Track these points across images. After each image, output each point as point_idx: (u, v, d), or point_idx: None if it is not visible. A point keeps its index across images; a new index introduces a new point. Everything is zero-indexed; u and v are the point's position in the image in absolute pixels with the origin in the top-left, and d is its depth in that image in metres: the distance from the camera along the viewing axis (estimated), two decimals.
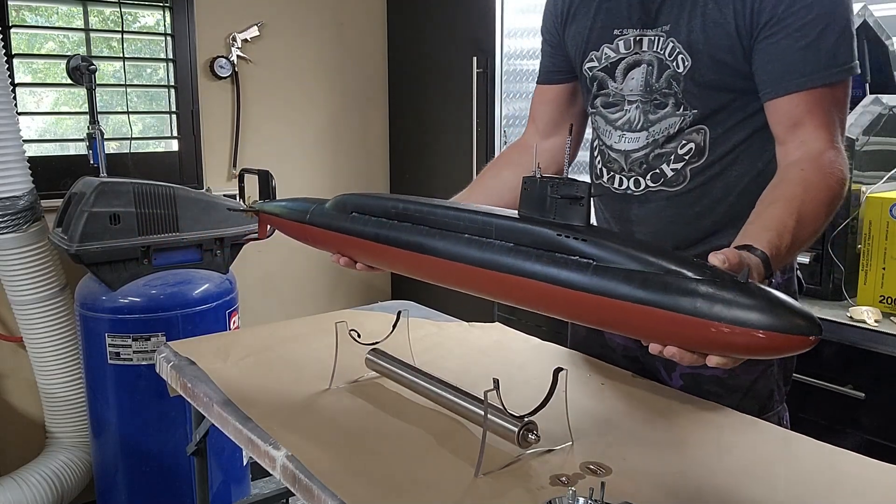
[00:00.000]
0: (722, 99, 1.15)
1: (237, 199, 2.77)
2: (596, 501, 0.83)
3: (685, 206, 1.21)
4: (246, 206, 1.45)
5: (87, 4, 2.56)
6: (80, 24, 2.57)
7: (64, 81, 2.41)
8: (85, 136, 2.31)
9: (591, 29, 1.25)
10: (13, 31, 2.41)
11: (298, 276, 3.14)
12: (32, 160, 2.27)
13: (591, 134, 1.37)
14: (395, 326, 1.31)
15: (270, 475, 1.47)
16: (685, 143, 1.19)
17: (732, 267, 0.80)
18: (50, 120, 2.62)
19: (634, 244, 0.84)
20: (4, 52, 2.15)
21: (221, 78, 2.81)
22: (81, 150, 2.45)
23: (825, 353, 1.62)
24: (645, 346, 1.08)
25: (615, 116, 1.25)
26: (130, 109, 2.64)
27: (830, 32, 1.05)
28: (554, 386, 1.00)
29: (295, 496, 1.03)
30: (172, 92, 2.74)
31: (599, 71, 1.25)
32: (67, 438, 2.39)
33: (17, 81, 2.39)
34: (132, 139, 2.63)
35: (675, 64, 1.15)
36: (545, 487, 0.92)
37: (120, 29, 2.59)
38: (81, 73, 2.28)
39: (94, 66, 2.30)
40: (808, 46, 1.05)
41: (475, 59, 2.72)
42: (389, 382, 1.25)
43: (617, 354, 1.36)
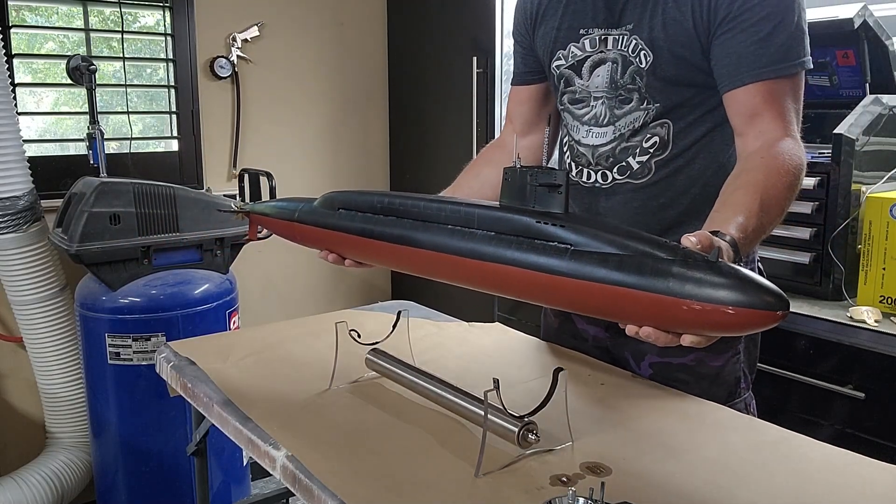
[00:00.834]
0: (683, 93, 1.20)
1: (237, 198, 2.78)
2: (596, 501, 0.83)
3: (650, 197, 1.26)
4: (236, 207, 1.45)
5: (87, 4, 2.56)
6: (80, 24, 2.57)
7: (64, 81, 2.40)
8: (85, 136, 2.31)
9: (558, 29, 1.30)
10: (13, 31, 2.41)
11: (298, 276, 3.14)
12: (32, 160, 2.27)
13: (561, 130, 1.40)
14: (395, 326, 1.31)
15: (270, 475, 1.47)
16: (650, 136, 1.24)
17: (704, 248, 0.82)
18: (50, 120, 2.62)
19: (610, 229, 0.86)
20: (4, 52, 2.15)
21: (221, 78, 2.81)
22: (81, 150, 2.45)
23: (825, 353, 1.62)
24: (616, 333, 1.10)
25: (582, 112, 1.29)
26: (130, 109, 2.64)
27: (783, 28, 1.11)
28: (554, 386, 1.00)
29: (295, 496, 1.03)
30: (172, 92, 2.74)
31: (566, 69, 1.30)
32: (67, 438, 2.39)
33: (17, 81, 2.39)
34: (132, 139, 2.63)
35: (637, 60, 1.20)
36: (545, 487, 0.92)
37: (120, 29, 2.59)
38: (81, 73, 2.28)
39: (94, 66, 2.30)
40: (761, 41, 1.11)
41: (475, 59, 2.72)
42: (389, 382, 1.25)
43: (588, 345, 1.39)
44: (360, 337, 1.28)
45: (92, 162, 2.29)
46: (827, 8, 1.84)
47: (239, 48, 2.83)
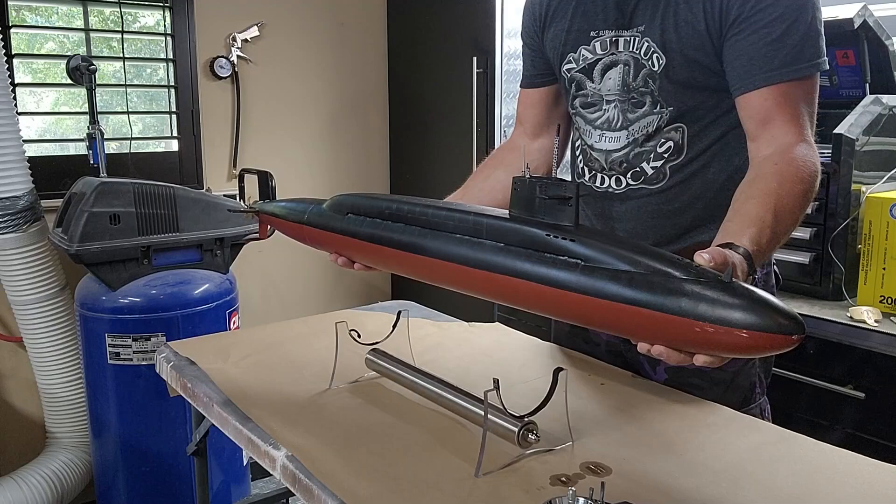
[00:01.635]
0: (697, 97, 1.18)
1: (237, 198, 2.78)
2: (596, 501, 0.83)
3: (665, 202, 1.24)
4: (246, 206, 1.45)
5: (87, 4, 2.56)
6: (80, 24, 2.57)
7: (64, 81, 2.40)
8: (85, 136, 2.31)
9: (567, 31, 1.28)
10: (13, 31, 2.41)
11: (298, 276, 3.14)
12: (32, 160, 2.27)
13: (573, 133, 1.39)
14: (395, 326, 1.31)
15: (270, 475, 1.47)
16: (664, 141, 1.22)
17: (717, 266, 0.81)
18: (50, 120, 2.62)
19: (621, 244, 0.85)
20: (4, 52, 2.15)
21: (221, 78, 2.81)
22: (81, 150, 2.45)
23: (825, 353, 1.62)
24: (632, 342, 1.09)
25: (594, 116, 1.27)
26: (130, 109, 2.64)
27: (796, 29, 1.08)
28: (554, 386, 1.00)
29: (295, 496, 1.03)
30: (172, 92, 2.74)
31: (577, 72, 1.28)
32: (67, 438, 2.39)
33: (17, 81, 2.39)
34: (132, 139, 2.63)
35: (650, 63, 1.18)
36: (545, 487, 0.92)
37: (120, 29, 2.59)
38: (81, 73, 2.28)
39: (94, 66, 2.30)
40: (774, 42, 1.08)
41: (475, 59, 2.72)
42: (389, 382, 1.25)
43: (601, 349, 1.38)
44: (360, 337, 1.28)
45: (92, 162, 2.29)
46: (827, 8, 1.82)
47: (239, 48, 2.83)
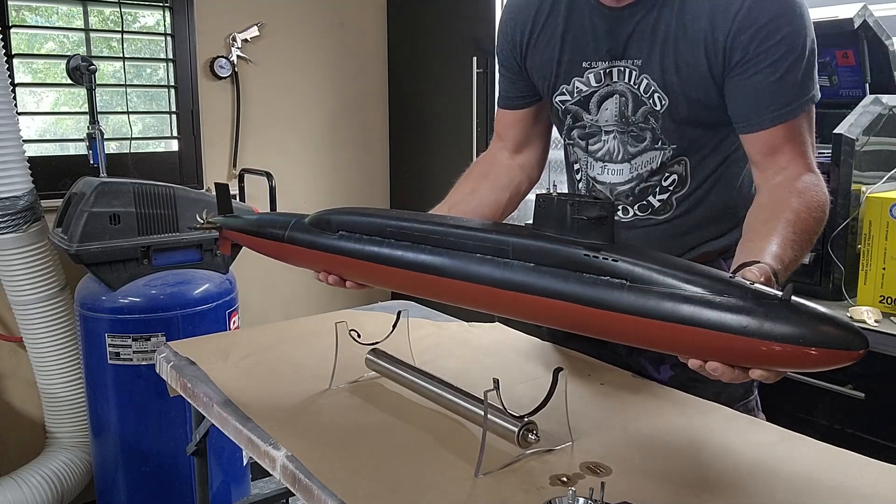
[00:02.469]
0: (698, 132, 1.20)
1: (236, 199, 2.78)
2: (596, 501, 0.83)
3: (671, 229, 1.27)
4: (204, 220, 1.36)
5: (87, 4, 2.56)
6: (80, 24, 2.57)
7: (64, 81, 2.40)
8: (85, 136, 2.31)
9: (558, 63, 1.26)
10: (13, 31, 2.41)
11: (298, 276, 3.13)
12: (32, 160, 2.27)
13: (571, 156, 1.37)
14: (395, 326, 1.31)
15: (270, 475, 1.47)
16: (668, 174, 1.24)
17: (765, 283, 0.80)
18: (50, 120, 2.62)
19: (669, 263, 0.83)
20: (4, 52, 2.15)
21: (221, 78, 2.81)
22: (81, 150, 2.45)
23: None
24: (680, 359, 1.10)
25: (595, 148, 1.28)
26: (130, 109, 2.64)
27: (797, 65, 1.10)
28: (554, 386, 1.00)
29: (295, 496, 1.03)
30: (172, 92, 2.74)
31: (573, 105, 1.27)
32: (67, 438, 2.39)
33: (17, 81, 2.39)
34: (132, 139, 2.63)
35: (651, 102, 1.19)
36: (545, 487, 0.92)
37: (120, 29, 2.59)
38: (81, 73, 2.28)
39: (94, 66, 2.30)
40: (779, 80, 1.10)
41: (475, 59, 2.72)
42: (389, 382, 1.25)
43: (605, 350, 1.37)
44: (360, 337, 1.28)
45: (92, 162, 2.29)
46: (827, 8, 1.84)
47: (239, 48, 2.83)
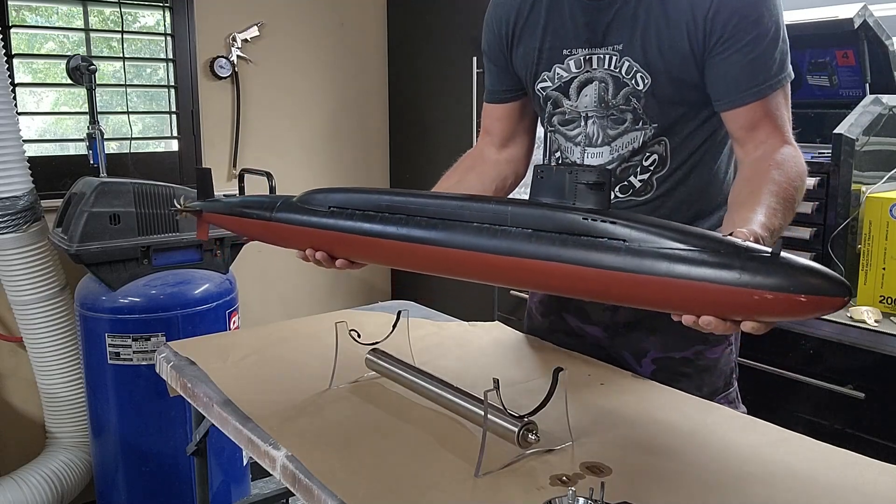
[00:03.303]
0: (679, 111, 1.23)
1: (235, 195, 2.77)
2: (596, 501, 0.83)
3: (652, 211, 1.28)
4: (181, 205, 1.36)
5: (87, 4, 2.56)
6: (80, 24, 2.57)
7: (64, 81, 2.40)
8: (85, 136, 2.31)
9: (540, 50, 1.28)
10: (13, 31, 2.41)
11: (298, 276, 3.14)
12: (32, 160, 2.27)
13: (552, 145, 1.39)
14: (395, 326, 1.31)
15: (270, 475, 1.47)
16: (649, 154, 1.26)
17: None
18: (50, 120, 2.62)
19: (660, 224, 0.87)
20: (4, 52, 2.15)
21: (221, 78, 2.81)
22: (81, 150, 2.45)
23: (825, 353, 1.62)
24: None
25: (574, 133, 1.30)
26: (130, 109, 2.64)
27: (773, 44, 1.14)
28: (554, 386, 1.00)
29: (295, 496, 1.03)
30: (172, 92, 2.74)
31: (553, 91, 1.30)
32: (67, 438, 2.39)
33: (17, 81, 2.39)
34: (132, 139, 2.63)
35: (633, 82, 1.21)
36: (545, 487, 0.92)
37: (120, 29, 2.59)
38: (81, 73, 2.28)
39: (94, 66, 2.30)
40: (756, 59, 1.15)
41: (475, 59, 2.72)
42: (389, 382, 1.25)
43: (586, 342, 1.39)
44: (360, 337, 1.28)
45: (92, 162, 2.29)
46: (827, 8, 1.84)
47: (239, 48, 2.84)
